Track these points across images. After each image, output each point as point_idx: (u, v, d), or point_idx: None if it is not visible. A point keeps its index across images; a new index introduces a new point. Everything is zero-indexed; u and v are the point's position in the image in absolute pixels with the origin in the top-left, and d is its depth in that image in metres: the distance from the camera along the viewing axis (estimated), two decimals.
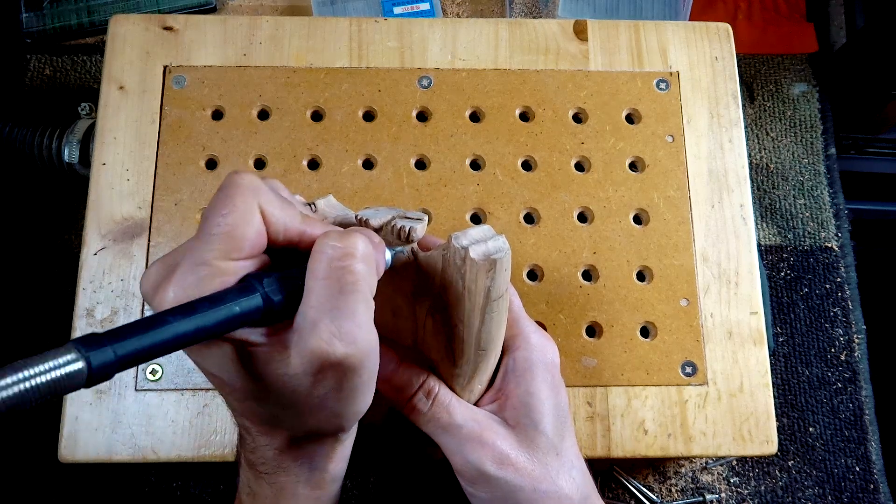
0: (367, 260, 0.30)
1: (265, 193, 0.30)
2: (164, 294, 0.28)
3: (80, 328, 0.47)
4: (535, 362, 0.39)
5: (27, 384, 0.22)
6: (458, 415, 0.38)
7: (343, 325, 0.29)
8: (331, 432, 0.34)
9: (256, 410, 0.32)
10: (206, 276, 0.28)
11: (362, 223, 0.36)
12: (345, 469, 0.37)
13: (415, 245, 0.36)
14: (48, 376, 0.22)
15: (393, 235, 0.36)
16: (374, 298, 0.31)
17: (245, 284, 0.29)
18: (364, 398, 0.32)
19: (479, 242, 0.33)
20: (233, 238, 0.29)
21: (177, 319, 0.26)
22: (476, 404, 0.40)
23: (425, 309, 0.37)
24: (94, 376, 0.24)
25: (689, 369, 0.48)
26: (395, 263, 0.35)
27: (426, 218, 0.35)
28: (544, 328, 0.47)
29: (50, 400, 0.23)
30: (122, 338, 0.25)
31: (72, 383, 0.23)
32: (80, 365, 0.23)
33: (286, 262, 0.31)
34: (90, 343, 0.24)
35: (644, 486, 0.56)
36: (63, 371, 0.23)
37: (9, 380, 0.22)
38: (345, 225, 0.36)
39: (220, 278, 0.28)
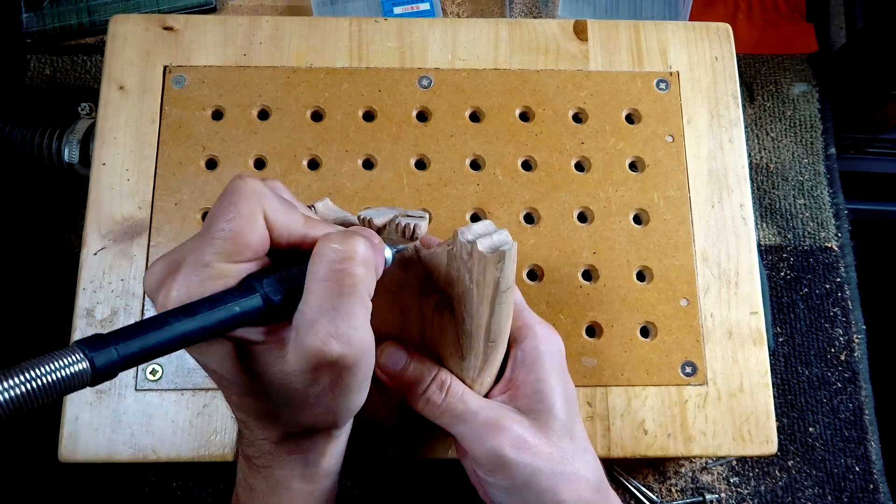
0: (367, 263, 0.31)
1: (269, 199, 0.31)
2: (168, 293, 0.29)
3: (81, 328, 0.47)
4: (543, 351, 0.39)
5: (33, 384, 0.24)
6: (472, 403, 0.38)
7: (340, 326, 0.30)
8: (325, 428, 0.35)
9: (254, 405, 0.33)
10: (208, 277, 0.29)
11: (365, 223, 0.36)
12: (339, 465, 0.38)
13: (417, 243, 0.36)
14: (53, 376, 0.24)
15: (397, 233, 0.36)
16: (382, 298, 0.31)
17: (246, 285, 0.30)
18: (358, 396, 0.34)
19: (485, 236, 0.34)
20: (236, 243, 0.30)
21: (178, 320, 0.27)
22: (486, 397, 0.40)
23: (432, 306, 0.38)
24: (99, 375, 0.25)
25: (689, 369, 0.48)
26: (400, 259, 0.36)
27: (427, 216, 0.36)
28: None
29: (56, 398, 0.25)
30: (124, 338, 0.26)
31: (77, 382, 0.25)
32: (84, 365, 0.25)
33: (289, 261, 0.32)
34: (94, 344, 0.25)
35: (644, 486, 0.56)
36: (68, 371, 0.24)
37: (15, 380, 0.23)
38: (346, 225, 0.36)
39: (222, 279, 0.30)
